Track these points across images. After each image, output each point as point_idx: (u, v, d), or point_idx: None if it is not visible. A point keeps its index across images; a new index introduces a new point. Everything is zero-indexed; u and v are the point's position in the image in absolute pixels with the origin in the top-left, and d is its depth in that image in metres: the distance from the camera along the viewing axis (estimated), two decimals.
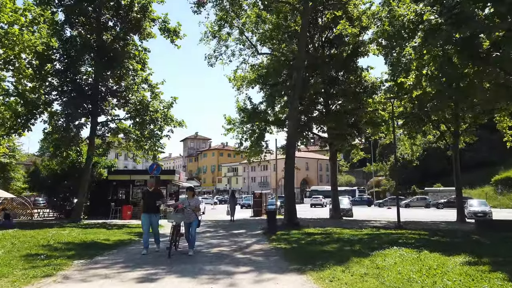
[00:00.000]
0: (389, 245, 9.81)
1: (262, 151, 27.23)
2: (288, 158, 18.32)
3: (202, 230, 16.69)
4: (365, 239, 11.47)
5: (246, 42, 23.32)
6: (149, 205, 9.55)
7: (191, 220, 9.21)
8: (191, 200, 9.36)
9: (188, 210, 9.19)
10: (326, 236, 12.44)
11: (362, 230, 14.88)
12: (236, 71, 24.91)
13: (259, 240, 12.62)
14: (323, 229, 15.24)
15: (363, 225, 19.30)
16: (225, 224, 20.47)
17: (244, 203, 46.48)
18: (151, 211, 9.57)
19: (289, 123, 18.59)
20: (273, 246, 10.75)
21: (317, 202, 50.41)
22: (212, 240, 12.75)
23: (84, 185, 20.61)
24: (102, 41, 20.70)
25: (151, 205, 9.56)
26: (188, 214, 9.18)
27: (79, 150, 23.59)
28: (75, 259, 8.43)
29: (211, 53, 23.31)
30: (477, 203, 29.28)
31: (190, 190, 9.75)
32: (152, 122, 21.06)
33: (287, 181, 18.03)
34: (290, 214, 17.58)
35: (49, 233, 13.08)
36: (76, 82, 20.27)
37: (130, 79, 21.70)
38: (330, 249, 9.71)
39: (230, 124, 27.01)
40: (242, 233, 15.16)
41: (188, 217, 9.20)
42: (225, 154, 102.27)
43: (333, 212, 25.38)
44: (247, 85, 26.07)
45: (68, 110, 19.80)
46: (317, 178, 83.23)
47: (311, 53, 23.94)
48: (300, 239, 12.11)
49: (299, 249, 9.85)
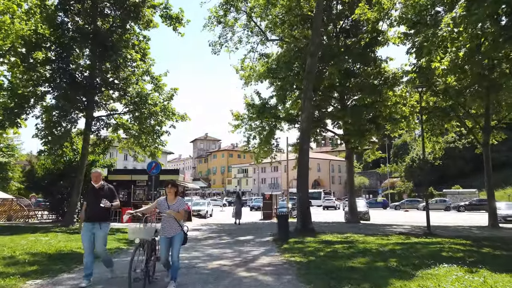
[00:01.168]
0: (433, 260, 7.75)
1: (272, 149, 25.34)
2: (302, 154, 16.28)
3: (204, 236, 14.78)
4: (398, 250, 9.38)
5: (255, 28, 21.29)
6: (93, 209, 6.23)
7: (172, 233, 5.93)
8: (172, 202, 6.07)
9: (167, 219, 5.98)
10: (349, 246, 10.38)
11: (388, 237, 12.78)
12: (244, 61, 22.93)
13: (268, 250, 10.62)
14: (342, 236, 13.18)
15: (385, 230, 17.19)
16: (231, 228, 18.52)
17: (253, 205, 44.73)
18: (95, 218, 6.23)
19: (303, 116, 16.53)
20: (286, 259, 8.76)
21: (330, 205, 48.63)
22: (213, 249, 10.79)
23: (78, 186, 18.85)
24: (98, 28, 18.95)
25: (96, 210, 6.18)
26: (168, 225, 5.97)
27: (76, 148, 21.93)
28: (32, 278, 6.56)
29: (216, 40, 21.35)
30: (505, 206, 26.83)
31: (172, 186, 6.12)
32: (151, 116, 19.20)
33: (300, 180, 15.98)
34: (303, 218, 15.51)
35: (24, 240, 11.29)
36: (69, 73, 18.53)
37: (129, 70, 19.90)
38: (359, 265, 7.67)
39: (237, 120, 25.15)
40: (249, 241, 13.18)
41: (168, 230, 5.95)
42: (235, 155, 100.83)
43: (349, 215, 23.28)
44: (256, 79, 24.12)
45: (60, 103, 18.07)
46: (329, 179, 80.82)
47: (325, 43, 21.88)
48: (317, 249, 10.08)
49: (318, 264, 7.83)
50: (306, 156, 16.27)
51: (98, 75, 18.87)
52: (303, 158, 16.16)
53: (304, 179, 15.98)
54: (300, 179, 16.04)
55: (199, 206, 31.46)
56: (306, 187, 15.91)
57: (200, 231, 17.20)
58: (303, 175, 16.02)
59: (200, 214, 29.71)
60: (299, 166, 16.62)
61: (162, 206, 6.09)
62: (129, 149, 22.66)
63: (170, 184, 6.13)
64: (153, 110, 18.95)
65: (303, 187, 15.84)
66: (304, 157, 16.20)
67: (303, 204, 15.88)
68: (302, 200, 15.91)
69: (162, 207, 6.08)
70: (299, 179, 16.12)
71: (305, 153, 16.27)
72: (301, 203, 16.00)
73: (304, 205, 15.87)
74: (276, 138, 25.22)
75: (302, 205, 15.92)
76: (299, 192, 16.18)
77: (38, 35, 17.34)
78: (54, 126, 18.21)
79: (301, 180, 15.98)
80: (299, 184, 16.05)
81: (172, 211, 5.91)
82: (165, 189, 6.18)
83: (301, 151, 16.48)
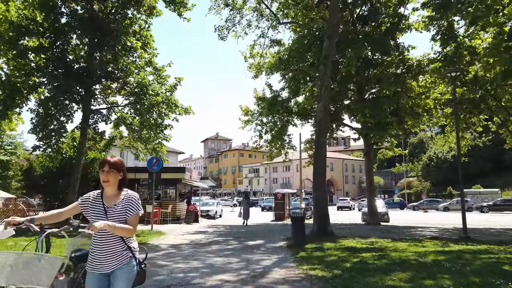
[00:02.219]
0: (496, 277, 5.96)
1: (284, 145, 23.63)
2: (318, 148, 14.49)
3: (209, 240, 13.14)
4: (444, 262, 7.56)
5: (266, 10, 19.50)
6: None
7: (113, 266, 2.83)
8: (114, 202, 2.91)
9: (102, 237, 2.83)
10: (380, 255, 8.59)
11: (422, 243, 10.95)
12: (253, 47, 21.12)
13: (282, 259, 8.89)
14: (367, 242, 11.38)
15: (412, 234, 15.35)
16: (240, 231, 16.83)
17: (265, 205, 43.11)
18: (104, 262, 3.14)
19: (319, 105, 14.72)
20: (304, 273, 7.03)
21: (344, 205, 47.14)
22: (217, 257, 9.11)
23: (74, 185, 17.36)
24: (95, 13, 17.44)
25: None
26: (103, 248, 2.82)
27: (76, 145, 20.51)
28: None
29: (223, 24, 19.60)
30: None
31: (111, 168, 2.88)
32: (153, 108, 17.58)
33: (317, 177, 14.17)
34: (321, 219, 13.71)
35: None
36: (64, 61, 17.05)
37: (129, 59, 18.38)
38: (401, 283, 5.87)
39: (247, 115, 23.51)
40: (259, 246, 11.47)
41: (103, 258, 2.82)
42: (246, 155, 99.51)
43: (369, 217, 21.40)
44: (267, 72, 22.43)
45: (53, 92, 16.62)
46: (343, 179, 78.67)
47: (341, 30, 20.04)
48: (341, 259, 8.33)
49: (347, 282, 6.08)
50: (323, 150, 14.50)
51: (95, 64, 17.36)
52: (320, 152, 14.38)
53: (321, 176, 14.22)
54: (316, 176, 14.24)
55: (208, 207, 30.03)
56: (323, 185, 14.16)
57: (206, 234, 15.58)
58: (319, 172, 14.23)
59: (209, 214, 28.28)
60: (315, 161, 14.85)
61: (94, 209, 2.89)
62: (131, 146, 21.11)
63: (108, 164, 2.88)
64: (154, 100, 17.34)
65: (320, 185, 14.07)
66: (321, 151, 14.42)
67: (320, 204, 14.08)
68: (319, 199, 14.12)
69: (93, 212, 2.88)
70: (315, 176, 14.31)
71: (322, 147, 14.49)
72: (318, 202, 14.19)
73: (321, 205, 14.08)
74: (289, 134, 23.59)
75: (320, 205, 14.10)
76: (315, 191, 14.41)
77: (28, 20, 15.89)
78: (48, 119, 16.75)
79: (317, 177, 14.19)
80: (316, 181, 14.26)
81: (109, 223, 2.69)
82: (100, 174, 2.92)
83: (318, 145, 14.69)
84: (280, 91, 21.83)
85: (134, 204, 2.90)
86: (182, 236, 14.20)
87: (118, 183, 2.94)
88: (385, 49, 20.02)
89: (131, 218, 2.86)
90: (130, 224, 2.84)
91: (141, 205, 2.96)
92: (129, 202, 2.90)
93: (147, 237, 13.21)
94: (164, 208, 22.05)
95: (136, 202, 2.93)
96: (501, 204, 39.32)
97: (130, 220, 2.85)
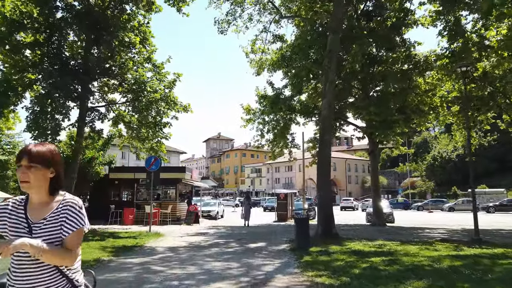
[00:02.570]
0: None
1: (288, 144, 23.07)
2: (323, 146, 13.88)
3: (209, 242, 12.57)
4: (462, 268, 6.96)
5: (268, 4, 18.88)
6: None
7: None
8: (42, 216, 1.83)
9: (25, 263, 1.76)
10: (390, 260, 8.00)
11: (433, 246, 10.35)
12: (255, 42, 20.49)
13: (285, 264, 8.31)
14: (375, 244, 10.78)
15: (420, 235, 14.77)
16: (241, 232, 16.24)
17: (267, 205, 42.61)
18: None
19: (324, 102, 14.14)
20: (310, 280, 6.45)
21: (347, 205, 46.60)
22: (216, 262, 8.53)
23: (71, 185, 16.80)
24: (91, 7, 16.91)
25: None
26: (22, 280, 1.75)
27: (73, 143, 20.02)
28: None
29: (223, 18, 18.97)
30: None
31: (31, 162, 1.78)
32: (151, 105, 17.04)
33: (321, 177, 13.57)
34: (326, 221, 13.10)
35: None
36: (59, 57, 16.52)
37: (127, 55, 17.84)
38: None
39: (249, 114, 22.95)
40: (261, 249, 10.89)
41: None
42: (248, 155, 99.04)
43: (374, 217, 20.80)
44: (269, 69, 21.83)
45: (47, 89, 16.09)
46: (346, 179, 77.95)
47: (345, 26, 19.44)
48: (349, 264, 7.75)
49: None
50: (328, 149, 13.90)
51: (92, 60, 16.83)
52: (324, 150, 13.78)
53: (325, 175, 13.63)
54: (320, 175, 13.63)
55: (209, 207, 29.47)
56: (328, 184, 13.59)
57: (206, 235, 15.01)
58: (324, 171, 13.64)
59: (210, 215, 27.74)
60: (319, 160, 14.24)
61: (12, 225, 1.83)
62: (130, 145, 20.59)
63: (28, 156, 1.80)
64: (153, 97, 16.78)
65: (325, 184, 13.50)
66: (325, 149, 13.83)
67: (325, 204, 13.49)
68: (324, 200, 13.53)
69: (11, 228, 1.83)
70: (319, 175, 13.70)
71: (326, 145, 13.88)
72: (323, 202, 13.60)
73: (326, 205, 13.49)
74: (292, 133, 23.04)
75: (324, 205, 13.51)
76: (320, 191, 13.82)
77: (22, 14, 15.38)
78: (43, 117, 16.22)
79: (322, 176, 13.59)
80: (320, 180, 13.67)
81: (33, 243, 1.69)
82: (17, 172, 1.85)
83: (322, 143, 14.09)
84: (282, 88, 21.29)
85: (74, 216, 1.85)
86: (181, 238, 13.63)
87: (48, 184, 1.86)
88: (390, 45, 19.46)
89: (70, 237, 1.82)
90: (69, 246, 1.82)
91: (85, 216, 1.89)
92: (66, 213, 1.84)
93: (144, 239, 12.64)
94: (164, 208, 21.53)
95: (77, 212, 1.86)
96: (507, 204, 38.70)
97: (68, 241, 1.82)
